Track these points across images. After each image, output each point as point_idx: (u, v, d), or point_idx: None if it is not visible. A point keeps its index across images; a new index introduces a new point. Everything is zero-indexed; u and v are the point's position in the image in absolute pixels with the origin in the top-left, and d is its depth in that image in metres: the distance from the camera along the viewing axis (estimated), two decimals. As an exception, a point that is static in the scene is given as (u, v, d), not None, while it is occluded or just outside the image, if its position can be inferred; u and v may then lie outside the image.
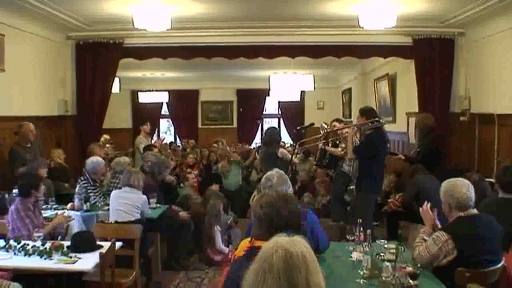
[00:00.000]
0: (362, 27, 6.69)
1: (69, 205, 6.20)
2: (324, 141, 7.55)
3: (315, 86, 12.34)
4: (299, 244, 1.82)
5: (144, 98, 15.44)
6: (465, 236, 3.57)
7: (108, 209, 5.82)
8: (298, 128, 7.91)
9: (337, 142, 7.76)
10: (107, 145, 9.94)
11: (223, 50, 8.80)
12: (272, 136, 7.71)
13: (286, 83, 12.20)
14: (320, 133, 7.01)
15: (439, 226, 3.92)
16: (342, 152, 7.57)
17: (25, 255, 4.29)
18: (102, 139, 9.78)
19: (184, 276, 6.38)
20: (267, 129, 8.28)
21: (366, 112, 6.40)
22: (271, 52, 8.87)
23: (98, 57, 8.61)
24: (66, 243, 4.53)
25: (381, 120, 6.36)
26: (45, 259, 4.21)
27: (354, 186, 6.95)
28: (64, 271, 4.17)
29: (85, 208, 6.11)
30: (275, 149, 7.59)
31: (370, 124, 6.21)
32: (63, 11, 7.36)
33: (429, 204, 4.00)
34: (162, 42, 8.58)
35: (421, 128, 7.54)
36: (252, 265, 1.85)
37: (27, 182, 5.10)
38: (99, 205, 6.34)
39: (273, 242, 1.83)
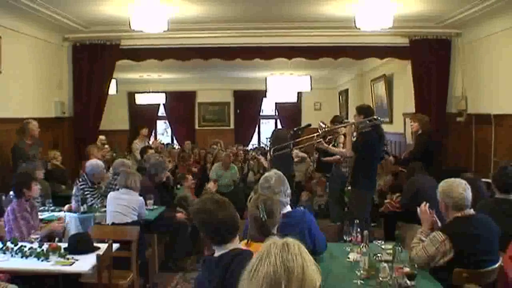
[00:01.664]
0: (359, 28, 6.70)
1: (66, 206, 6.18)
2: (321, 140, 7.58)
3: (312, 87, 12.35)
4: (295, 241, 1.88)
5: (141, 99, 15.41)
6: (462, 236, 3.58)
7: (105, 211, 5.81)
8: (295, 129, 7.90)
9: (334, 142, 7.76)
10: (106, 146, 9.94)
11: (219, 52, 8.80)
12: (282, 138, 7.56)
13: (283, 84, 12.21)
14: (318, 132, 7.00)
15: (440, 225, 3.93)
16: (339, 158, 7.61)
17: (22, 257, 4.28)
18: (98, 141, 9.79)
19: (182, 278, 6.37)
20: (275, 131, 8.17)
21: (363, 110, 6.41)
22: (267, 53, 8.88)
23: (95, 59, 8.61)
24: (63, 244, 4.52)
25: (378, 118, 6.38)
26: (42, 260, 4.20)
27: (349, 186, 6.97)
28: (61, 273, 4.16)
29: (82, 210, 6.09)
30: (288, 151, 7.50)
31: (367, 122, 6.22)
32: (59, 13, 7.36)
33: (427, 205, 4.01)
34: (159, 44, 8.58)
35: (424, 130, 7.57)
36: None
37: (18, 182, 5.08)
38: (96, 207, 6.32)
39: (272, 239, 1.90)
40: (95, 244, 4.58)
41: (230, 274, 2.57)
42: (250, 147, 15.97)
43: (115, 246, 4.66)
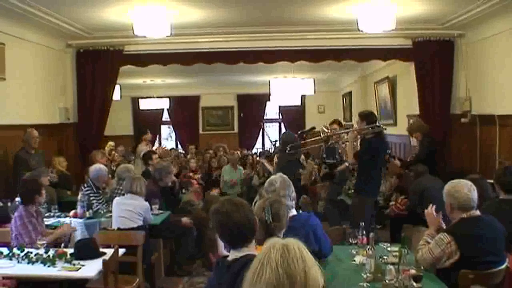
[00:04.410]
0: (361, 31, 6.70)
1: (72, 212, 6.20)
2: (324, 143, 7.58)
3: (315, 90, 12.34)
4: (295, 241, 1.86)
5: (145, 104, 15.46)
6: (468, 237, 3.57)
7: (111, 216, 5.83)
8: (299, 132, 7.89)
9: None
10: (113, 152, 9.97)
11: (223, 55, 8.81)
12: (292, 142, 7.46)
13: (286, 87, 12.20)
14: (320, 136, 7.01)
15: (444, 227, 3.92)
16: (347, 165, 7.61)
17: (28, 263, 4.29)
18: (107, 147, 9.83)
19: (187, 282, 6.38)
20: (285, 134, 8.11)
21: (366, 117, 6.39)
22: (271, 56, 8.88)
23: (99, 65, 8.63)
24: (70, 250, 4.53)
25: (381, 125, 6.38)
26: (48, 266, 4.21)
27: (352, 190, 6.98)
28: (67, 279, 4.17)
29: (87, 215, 6.11)
30: (297, 155, 7.44)
31: (370, 129, 6.21)
32: (63, 19, 7.39)
33: (434, 207, 4.00)
34: (162, 49, 8.59)
35: (425, 133, 7.59)
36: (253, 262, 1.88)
37: (29, 188, 5.09)
38: (102, 212, 6.34)
39: (271, 241, 1.88)
40: (101, 250, 4.60)
41: (240, 281, 2.53)
42: (254, 150, 15.99)
43: (121, 251, 4.67)
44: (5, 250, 4.55)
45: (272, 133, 17.39)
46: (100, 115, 8.76)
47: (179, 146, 16.89)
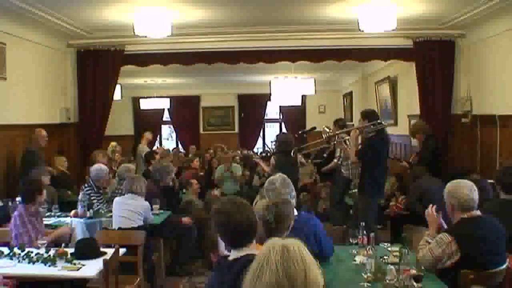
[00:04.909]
0: (362, 31, 6.69)
1: (72, 212, 6.20)
2: (327, 145, 7.56)
3: (316, 90, 12.32)
4: (295, 241, 1.86)
5: (145, 104, 15.45)
6: (469, 237, 3.57)
7: (111, 216, 5.83)
8: (300, 132, 7.88)
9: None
10: (116, 153, 9.97)
11: (223, 55, 8.81)
12: (290, 143, 7.43)
13: (287, 87, 12.18)
14: (322, 137, 6.99)
15: (445, 227, 3.92)
16: (336, 162, 7.57)
17: (29, 262, 4.30)
18: (110, 148, 9.82)
19: (188, 282, 6.38)
20: (281, 136, 8.06)
21: (368, 115, 6.38)
22: (271, 56, 8.88)
23: (99, 65, 8.63)
24: (70, 250, 4.53)
25: (383, 122, 6.36)
26: (49, 266, 4.22)
27: (356, 190, 6.94)
28: (68, 278, 4.17)
29: (88, 215, 6.11)
30: (294, 156, 7.45)
31: (372, 126, 6.20)
32: (63, 19, 7.39)
33: (434, 207, 4.00)
34: (163, 49, 8.60)
35: (427, 133, 7.60)
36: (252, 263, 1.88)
37: (31, 187, 5.10)
38: (102, 212, 6.35)
39: (270, 242, 1.87)
40: (101, 249, 4.60)
41: (241, 281, 2.53)
42: (255, 150, 15.98)
43: (122, 250, 4.67)
44: (5, 250, 4.55)
45: (272, 133, 17.39)
46: (101, 115, 8.77)
47: (180, 146, 16.88)
